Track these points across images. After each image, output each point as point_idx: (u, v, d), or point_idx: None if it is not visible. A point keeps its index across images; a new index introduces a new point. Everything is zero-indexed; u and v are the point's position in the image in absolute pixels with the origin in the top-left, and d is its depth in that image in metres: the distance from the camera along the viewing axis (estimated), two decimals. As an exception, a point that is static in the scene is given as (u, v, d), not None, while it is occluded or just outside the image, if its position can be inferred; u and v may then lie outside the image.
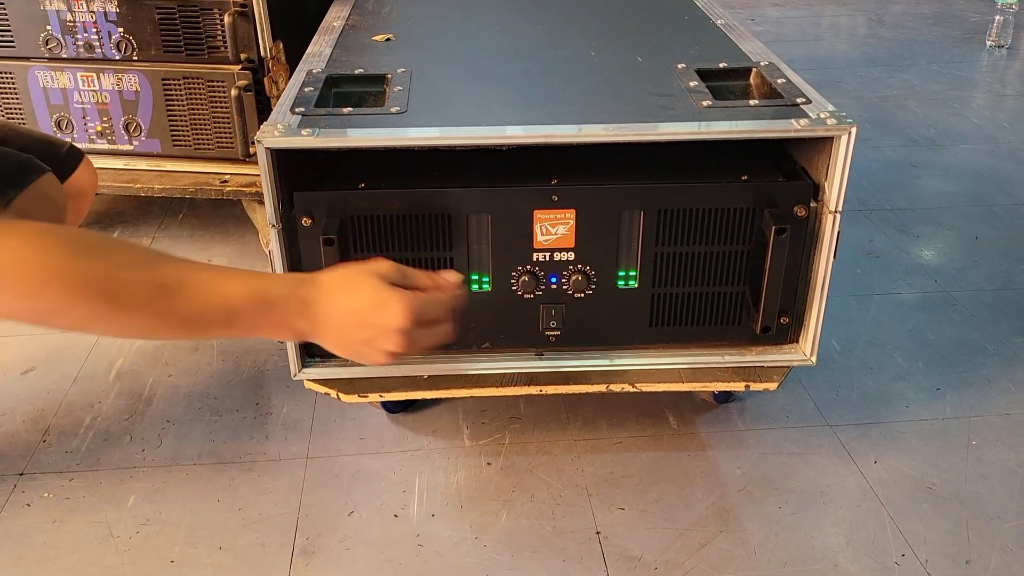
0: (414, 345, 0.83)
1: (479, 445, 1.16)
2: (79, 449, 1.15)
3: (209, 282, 0.77)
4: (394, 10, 1.40)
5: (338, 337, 0.82)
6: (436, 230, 0.99)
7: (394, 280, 0.82)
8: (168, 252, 0.78)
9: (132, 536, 1.02)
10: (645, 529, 1.03)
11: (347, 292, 0.81)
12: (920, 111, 2.33)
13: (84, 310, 0.72)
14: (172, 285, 0.75)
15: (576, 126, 0.96)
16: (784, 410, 1.22)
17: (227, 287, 0.77)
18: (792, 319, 1.05)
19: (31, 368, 1.30)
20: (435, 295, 0.84)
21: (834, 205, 0.96)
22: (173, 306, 0.75)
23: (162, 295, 0.74)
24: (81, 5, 1.39)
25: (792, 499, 1.07)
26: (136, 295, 0.73)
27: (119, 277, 0.72)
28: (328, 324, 0.81)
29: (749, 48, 1.18)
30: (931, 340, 1.37)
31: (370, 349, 0.82)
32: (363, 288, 0.81)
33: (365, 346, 0.82)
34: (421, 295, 0.82)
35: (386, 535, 1.02)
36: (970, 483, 1.10)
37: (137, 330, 0.77)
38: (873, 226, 1.72)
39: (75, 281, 0.71)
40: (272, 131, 0.92)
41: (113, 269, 0.73)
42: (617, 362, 1.07)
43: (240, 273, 0.79)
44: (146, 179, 1.46)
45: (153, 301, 0.74)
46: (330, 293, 0.81)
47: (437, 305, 0.83)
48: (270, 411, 1.22)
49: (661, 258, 1.01)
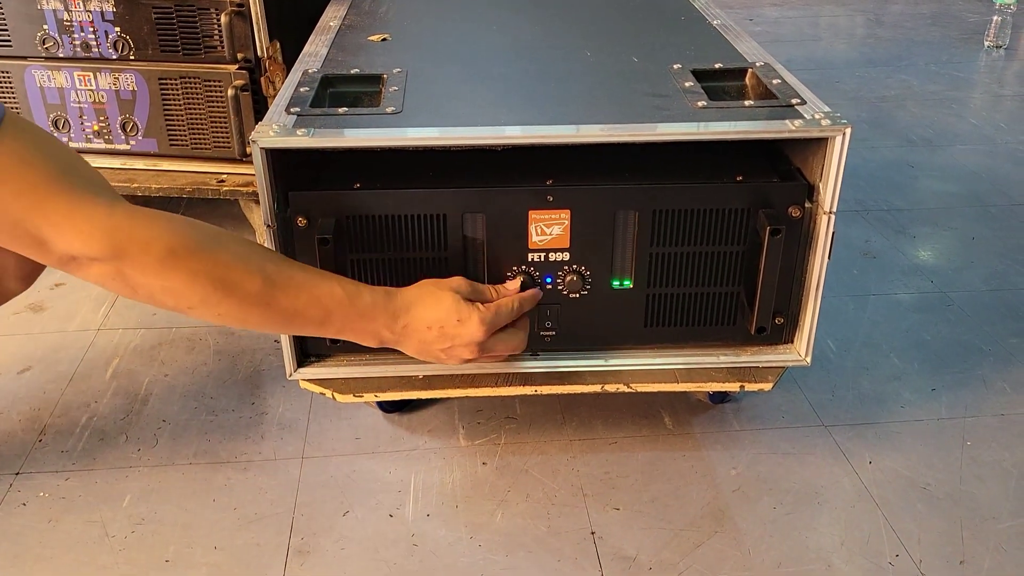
0: (488, 353, 0.95)
1: (475, 445, 1.16)
2: (75, 448, 1.15)
3: (310, 282, 0.86)
4: (390, 10, 1.40)
5: (418, 347, 0.93)
6: (431, 230, 0.99)
7: (467, 295, 0.93)
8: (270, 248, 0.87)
9: (127, 535, 1.02)
10: (640, 529, 1.03)
11: (429, 307, 0.91)
12: (918, 111, 2.34)
13: (199, 294, 0.81)
14: (280, 281, 0.84)
15: (574, 126, 0.96)
16: (779, 410, 1.22)
17: (326, 290, 0.87)
18: (787, 320, 1.05)
19: (27, 367, 1.31)
20: (503, 303, 0.95)
21: (829, 206, 0.96)
22: (278, 300, 0.84)
23: (270, 289, 0.84)
24: (78, 4, 1.38)
25: (787, 499, 1.07)
26: (248, 286, 0.83)
27: (234, 267, 0.82)
28: (410, 336, 0.92)
29: (745, 49, 1.18)
30: (927, 340, 1.37)
31: (447, 356, 0.94)
32: (445, 304, 0.91)
33: (443, 353, 0.94)
34: (492, 306, 0.94)
35: (381, 535, 1.02)
36: (965, 484, 1.10)
37: (239, 319, 0.86)
38: (870, 226, 1.72)
39: (194, 265, 0.80)
40: (267, 131, 0.92)
41: (229, 259, 0.83)
42: (612, 362, 1.07)
43: (336, 278, 0.89)
44: (143, 179, 1.46)
45: (262, 293, 0.83)
46: (415, 307, 0.91)
47: (507, 313, 0.95)
48: (266, 411, 1.22)
49: (656, 259, 1.01)
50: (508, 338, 0.97)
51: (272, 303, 0.84)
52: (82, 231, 0.78)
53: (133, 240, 0.79)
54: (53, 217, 0.78)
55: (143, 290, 0.81)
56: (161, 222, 0.82)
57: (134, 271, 0.80)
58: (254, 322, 0.87)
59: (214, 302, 0.82)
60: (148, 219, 0.81)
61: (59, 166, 0.80)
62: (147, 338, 1.37)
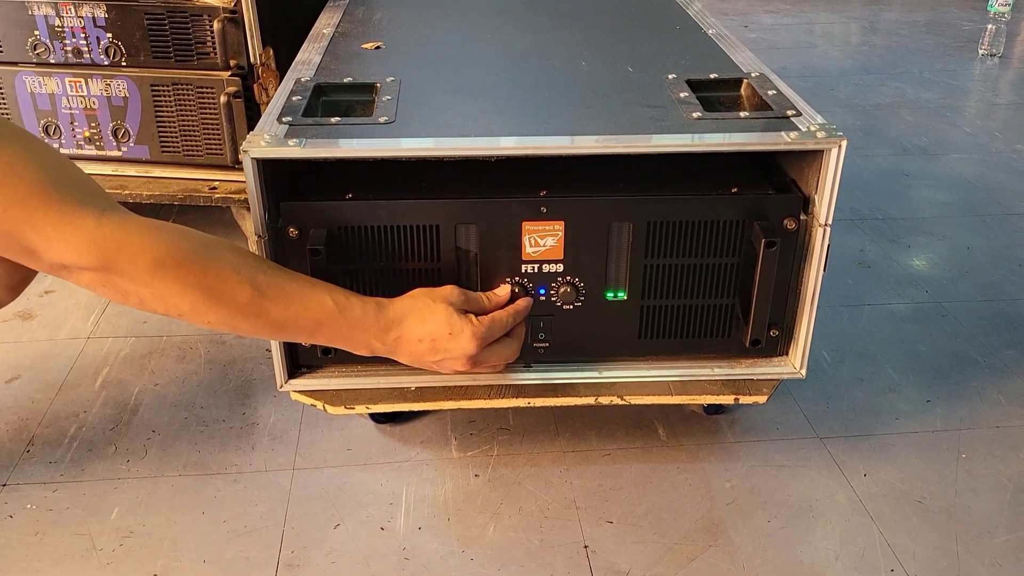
0: (480, 365, 0.96)
1: (467, 456, 1.15)
2: (63, 459, 1.14)
3: (301, 293, 0.87)
4: (384, 18, 1.40)
5: (410, 358, 0.94)
6: (424, 241, 0.98)
7: (460, 306, 0.93)
8: (263, 257, 0.87)
9: (115, 549, 1.01)
10: (633, 543, 1.02)
11: (423, 320, 0.91)
12: (912, 119, 2.34)
13: (189, 302, 0.82)
14: (270, 292, 0.85)
15: (568, 138, 0.95)
16: (774, 422, 1.22)
17: (317, 301, 0.87)
18: (782, 332, 1.05)
19: (15, 377, 1.29)
20: (498, 316, 0.95)
21: (824, 219, 0.96)
22: (267, 310, 0.85)
23: (260, 299, 0.84)
24: (70, 10, 1.37)
25: (781, 513, 1.07)
26: (238, 296, 0.83)
27: (225, 276, 0.83)
28: (401, 347, 0.92)
29: (740, 59, 1.18)
30: (922, 351, 1.37)
31: (439, 367, 0.95)
32: (437, 316, 0.91)
33: (435, 365, 0.94)
34: (486, 319, 0.94)
35: (372, 548, 1.01)
36: (960, 497, 1.09)
37: (229, 326, 0.86)
38: (864, 235, 1.72)
39: (184, 274, 0.81)
40: (259, 141, 0.91)
41: (220, 268, 0.83)
42: (606, 374, 1.06)
43: (328, 288, 0.89)
44: (134, 185, 1.45)
45: (252, 303, 0.84)
46: (406, 319, 0.91)
47: (501, 326, 0.95)
48: (256, 421, 1.21)
49: (650, 270, 1.00)
50: (501, 348, 0.97)
51: (261, 313, 0.85)
52: (71, 243, 0.79)
53: (122, 251, 0.80)
54: (43, 229, 0.79)
55: (133, 297, 0.83)
56: (151, 232, 0.82)
57: (123, 280, 0.81)
58: (244, 329, 0.88)
59: (203, 310, 0.83)
60: (138, 228, 0.82)
61: (49, 176, 0.80)
62: (137, 347, 1.36)
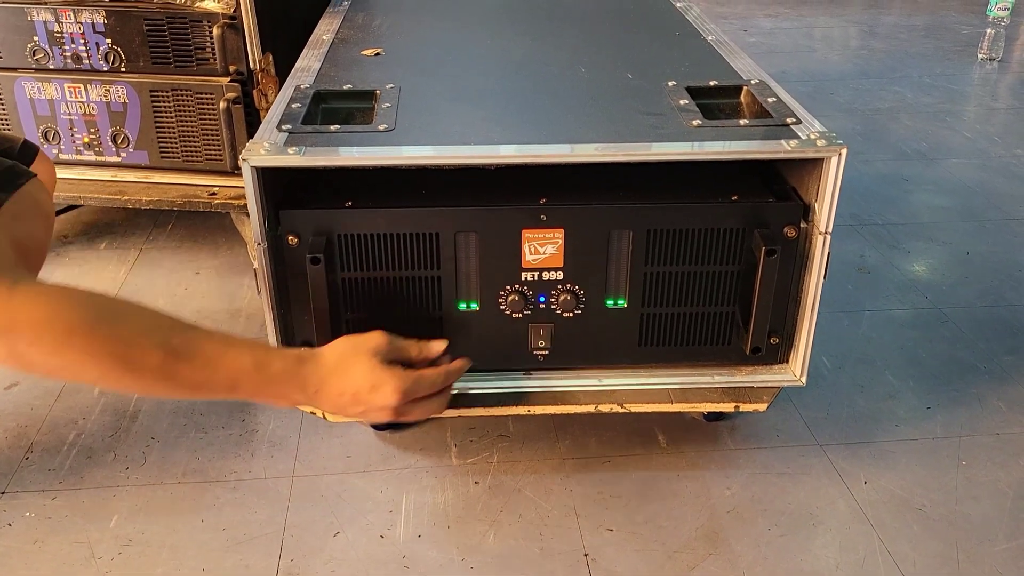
0: (403, 418, 0.94)
1: (467, 464, 1.15)
2: (62, 467, 1.13)
3: (217, 352, 0.84)
4: (384, 24, 1.40)
5: (333, 409, 0.93)
6: (424, 249, 0.98)
7: (386, 355, 0.91)
8: (180, 318, 0.84)
9: (114, 557, 1.00)
10: (634, 551, 1.02)
11: (344, 373, 0.89)
12: (912, 124, 2.34)
13: (98, 370, 0.78)
14: (183, 353, 0.81)
15: (568, 146, 0.95)
16: (774, 429, 1.21)
17: (233, 359, 0.84)
18: (782, 340, 1.05)
19: (15, 383, 1.29)
20: (427, 374, 0.93)
21: (824, 226, 0.96)
22: (181, 372, 0.82)
23: (172, 362, 0.81)
24: (69, 16, 1.37)
25: (782, 520, 1.06)
26: (148, 361, 0.79)
27: (134, 342, 0.79)
28: (323, 400, 0.90)
29: (740, 65, 1.18)
30: (922, 358, 1.37)
31: (364, 417, 0.94)
32: (359, 369, 0.89)
33: (359, 415, 0.93)
34: (413, 375, 0.92)
35: (371, 557, 1.01)
36: (960, 504, 1.09)
37: (145, 390, 0.84)
38: (864, 241, 1.72)
39: (92, 343, 0.77)
40: (258, 149, 0.91)
41: (129, 334, 0.79)
42: (606, 382, 1.06)
43: (247, 345, 0.87)
44: (134, 191, 1.45)
45: (163, 367, 0.80)
46: (327, 373, 0.89)
47: (428, 384, 0.93)
48: (256, 428, 1.21)
49: (650, 278, 1.00)
50: (427, 404, 0.95)
51: (175, 376, 0.82)
52: None
53: (30, 322, 0.76)
54: None
55: (40, 368, 0.79)
56: (60, 300, 0.78)
57: (31, 351, 0.77)
58: (160, 393, 0.85)
59: (114, 378, 0.80)
60: (46, 298, 0.78)
61: None
62: (136, 353, 1.35)
